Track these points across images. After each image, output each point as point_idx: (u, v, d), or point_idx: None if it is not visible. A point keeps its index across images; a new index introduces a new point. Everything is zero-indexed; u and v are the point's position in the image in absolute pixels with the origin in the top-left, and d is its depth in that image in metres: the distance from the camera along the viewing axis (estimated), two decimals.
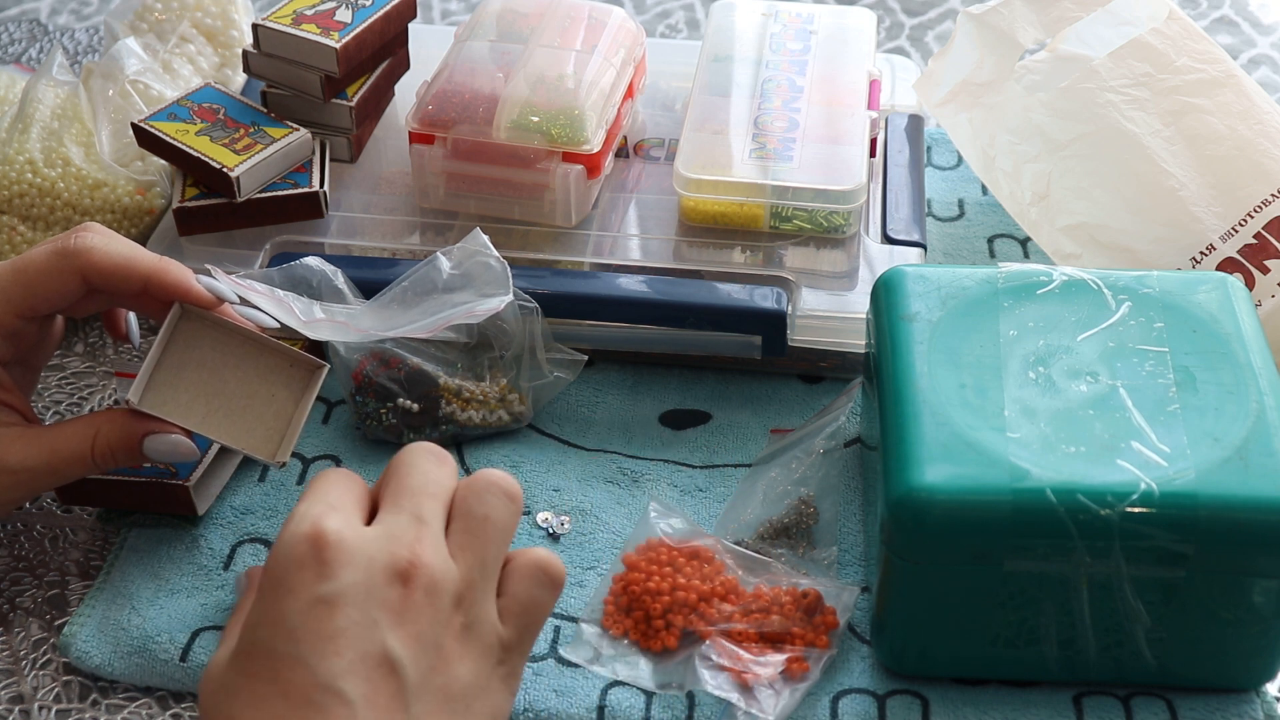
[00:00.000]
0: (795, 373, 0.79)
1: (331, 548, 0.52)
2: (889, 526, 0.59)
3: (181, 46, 0.93)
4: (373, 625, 0.51)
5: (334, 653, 0.50)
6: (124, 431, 0.64)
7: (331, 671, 0.50)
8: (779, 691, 0.62)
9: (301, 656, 0.50)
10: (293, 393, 0.68)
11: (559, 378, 0.75)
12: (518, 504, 0.57)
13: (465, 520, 0.55)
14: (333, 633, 0.50)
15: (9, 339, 0.65)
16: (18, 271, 0.64)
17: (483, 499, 0.56)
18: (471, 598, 0.54)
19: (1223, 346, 0.63)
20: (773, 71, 0.85)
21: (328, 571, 0.51)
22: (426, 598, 0.52)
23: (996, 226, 0.89)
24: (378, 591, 0.52)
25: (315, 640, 0.50)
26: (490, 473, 0.57)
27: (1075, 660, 0.62)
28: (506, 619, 0.55)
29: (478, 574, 0.54)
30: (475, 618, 0.54)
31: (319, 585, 0.51)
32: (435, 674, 0.52)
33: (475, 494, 0.56)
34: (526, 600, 0.55)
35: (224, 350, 0.67)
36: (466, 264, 0.72)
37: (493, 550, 0.55)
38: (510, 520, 0.56)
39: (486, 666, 0.54)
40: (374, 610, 0.51)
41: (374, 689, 0.50)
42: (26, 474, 0.64)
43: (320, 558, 0.51)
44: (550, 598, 0.56)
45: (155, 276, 0.65)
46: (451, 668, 0.53)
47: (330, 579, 0.51)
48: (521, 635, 0.55)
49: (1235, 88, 0.78)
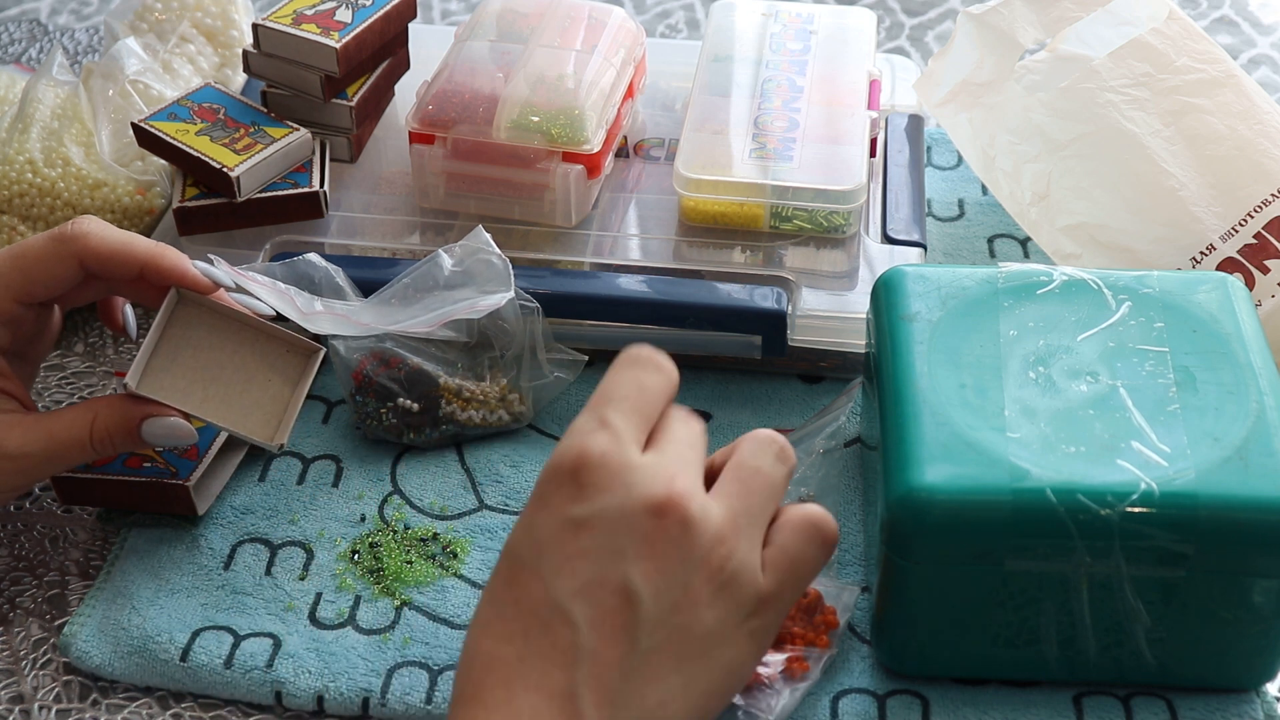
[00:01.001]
0: (795, 373, 0.79)
1: (591, 470, 0.52)
2: (889, 526, 0.59)
3: (181, 46, 0.93)
4: (617, 553, 0.51)
5: (570, 573, 0.51)
6: (122, 416, 0.64)
7: (563, 590, 0.51)
8: (779, 691, 0.62)
9: (540, 570, 0.51)
10: (290, 377, 0.68)
11: (559, 378, 0.75)
12: (789, 464, 0.57)
13: (735, 470, 0.56)
14: (574, 553, 0.51)
15: (8, 325, 0.66)
16: (16, 257, 0.65)
17: (755, 452, 0.56)
18: (734, 543, 0.53)
19: (1223, 346, 0.63)
20: (773, 71, 0.85)
21: (583, 494, 0.52)
22: (681, 532, 0.52)
23: (996, 226, 0.89)
24: (630, 520, 0.52)
25: (556, 558, 0.51)
26: (765, 432, 0.57)
27: (1075, 660, 0.62)
28: (770, 570, 0.54)
29: (742, 519, 0.54)
30: (737, 564, 0.53)
31: (573, 506, 0.52)
32: (676, 612, 0.52)
33: (750, 449, 0.57)
34: (795, 554, 0.55)
35: (221, 335, 0.67)
36: (468, 261, 0.73)
37: (758, 500, 0.55)
38: (780, 477, 0.56)
39: (736, 616, 0.53)
40: (621, 538, 0.51)
41: (602, 615, 0.50)
42: (26, 460, 0.64)
43: (578, 479, 0.52)
44: (820, 556, 0.56)
45: (152, 261, 0.65)
46: (697, 610, 0.52)
47: (585, 501, 0.52)
48: (781, 589, 0.55)
49: (1235, 88, 0.78)
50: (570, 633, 0.50)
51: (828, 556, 0.56)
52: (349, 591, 0.68)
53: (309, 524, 0.71)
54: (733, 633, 0.53)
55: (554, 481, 0.52)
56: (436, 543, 0.70)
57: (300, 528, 0.71)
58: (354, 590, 0.68)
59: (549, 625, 0.50)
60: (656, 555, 0.51)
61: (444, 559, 0.69)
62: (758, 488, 0.55)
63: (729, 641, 0.53)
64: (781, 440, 0.57)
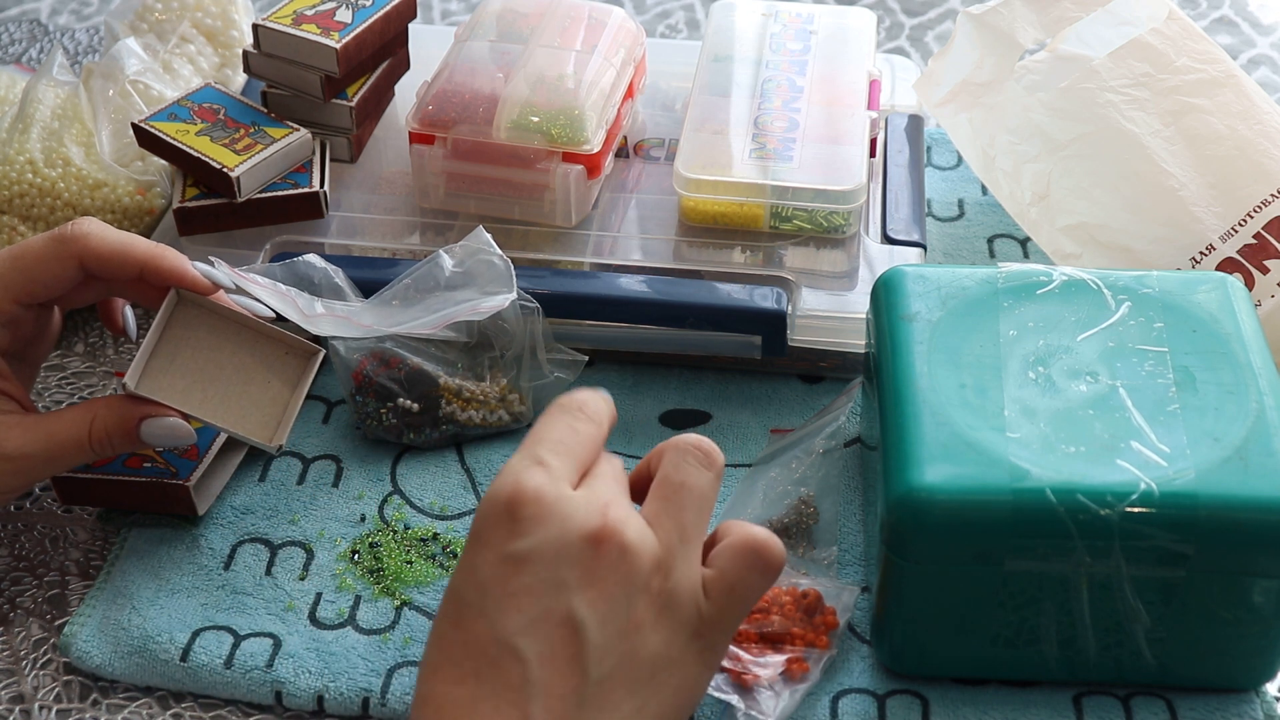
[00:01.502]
0: (795, 373, 0.79)
1: (526, 505, 0.52)
2: (889, 526, 0.59)
3: (181, 46, 0.93)
4: (559, 585, 0.51)
5: (515, 609, 0.51)
6: (121, 416, 0.65)
7: (510, 627, 0.50)
8: (779, 692, 0.62)
9: (485, 610, 0.51)
10: (289, 379, 0.68)
11: (559, 378, 0.75)
12: (717, 468, 0.56)
13: (662, 487, 0.55)
14: (517, 589, 0.51)
15: (7, 326, 0.66)
16: (15, 258, 0.65)
17: (679, 465, 0.55)
18: (670, 564, 0.53)
19: (1222, 346, 0.63)
20: (773, 71, 0.85)
21: (520, 529, 0.52)
22: (620, 560, 0.52)
23: (996, 226, 0.89)
24: (568, 552, 0.51)
25: (499, 596, 0.51)
26: (684, 438, 0.56)
27: (1075, 660, 0.62)
28: (711, 593, 0.54)
29: (676, 540, 0.54)
30: (674, 585, 0.53)
31: (511, 543, 0.51)
32: (622, 639, 0.52)
33: (673, 460, 0.56)
34: (735, 580, 0.55)
35: (220, 336, 0.67)
36: (469, 262, 0.73)
37: (690, 516, 0.54)
38: (710, 487, 0.56)
39: (681, 638, 0.53)
40: (562, 570, 0.51)
41: (551, 649, 0.50)
42: (25, 461, 0.64)
43: (515, 515, 0.52)
44: (762, 582, 0.55)
45: (151, 261, 0.65)
46: (642, 634, 0.52)
47: (522, 536, 0.51)
48: (724, 613, 0.54)
49: (1235, 88, 0.78)
50: (521, 669, 0.50)
51: (770, 581, 0.55)
52: (349, 591, 0.68)
53: (309, 524, 0.71)
54: (680, 654, 0.53)
55: (490, 519, 0.52)
56: (436, 543, 0.70)
57: (300, 528, 0.71)
58: (354, 590, 0.68)
59: (499, 663, 0.50)
60: (598, 584, 0.51)
61: (444, 559, 0.69)
62: (688, 503, 0.55)
63: (677, 664, 0.53)
64: (704, 446, 0.56)
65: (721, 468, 0.56)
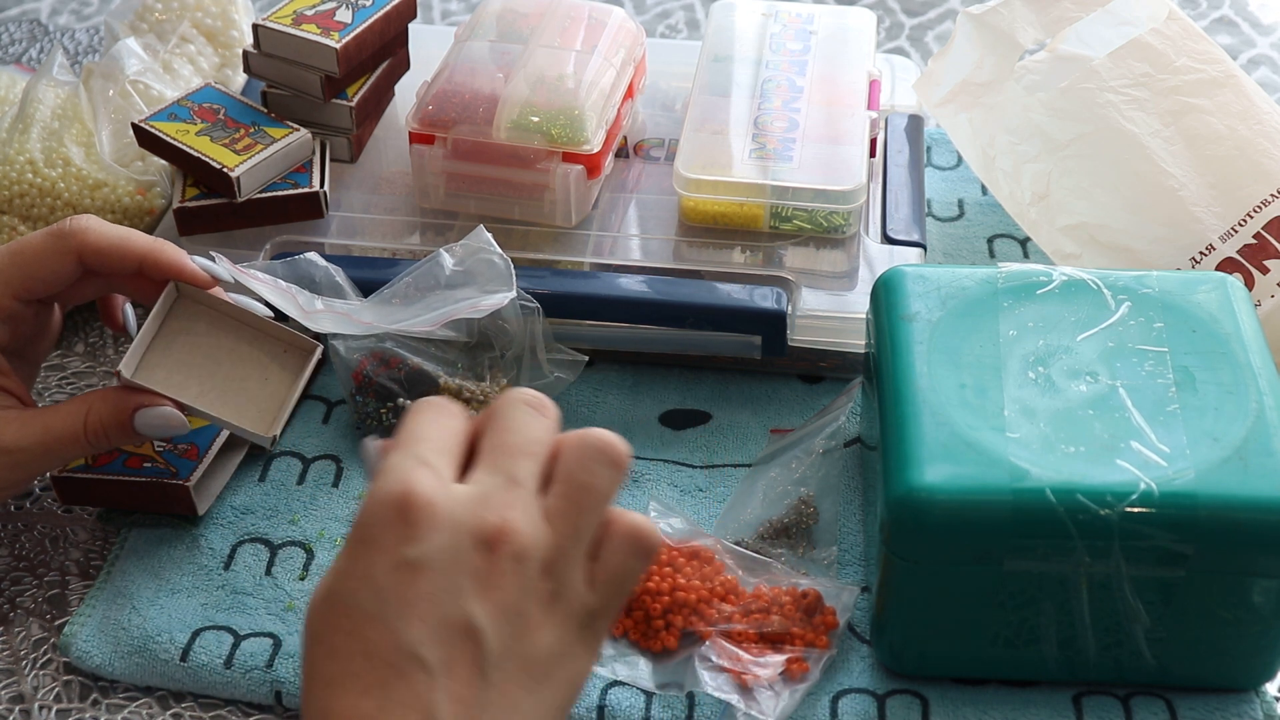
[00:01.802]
0: (795, 373, 0.79)
1: (419, 509, 0.51)
2: (889, 526, 0.59)
3: (182, 46, 0.93)
4: (457, 592, 0.51)
5: (417, 617, 0.50)
6: (115, 407, 0.65)
7: (414, 638, 0.50)
8: (779, 692, 0.62)
9: (386, 618, 0.50)
10: (286, 374, 0.68)
11: (559, 378, 0.75)
12: (621, 471, 0.55)
13: (565, 485, 0.54)
14: (415, 597, 0.50)
15: (7, 322, 0.66)
16: (15, 254, 0.65)
17: (586, 466, 0.54)
18: (562, 565, 0.53)
19: (1222, 346, 0.63)
20: (773, 71, 0.85)
21: (414, 534, 0.51)
22: (514, 565, 0.52)
23: (996, 226, 0.89)
24: (464, 557, 0.51)
25: (399, 602, 0.50)
26: (595, 436, 0.55)
27: (1075, 660, 0.62)
28: (597, 585, 0.54)
29: (570, 542, 0.53)
30: (563, 585, 0.53)
31: (405, 548, 0.51)
32: (517, 642, 0.52)
33: (579, 460, 0.54)
34: (618, 569, 0.54)
35: (219, 331, 0.67)
36: (469, 261, 0.73)
37: (588, 518, 0.54)
38: (612, 488, 0.55)
39: (570, 634, 0.53)
40: (459, 577, 0.51)
41: (453, 656, 0.50)
42: (21, 454, 0.64)
43: (407, 519, 0.51)
44: (642, 567, 0.55)
45: (150, 256, 0.65)
46: (534, 635, 0.52)
47: (417, 542, 0.51)
48: (608, 602, 0.54)
49: (1235, 88, 0.78)
50: (426, 678, 0.50)
51: (649, 564, 0.55)
52: None
53: (309, 524, 0.71)
54: (570, 647, 0.53)
55: (380, 523, 0.51)
56: None
57: (300, 528, 0.71)
58: None
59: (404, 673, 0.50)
60: (493, 590, 0.51)
61: None
62: (589, 506, 0.54)
63: (569, 656, 0.53)
64: (613, 447, 0.55)
65: (626, 467, 0.55)
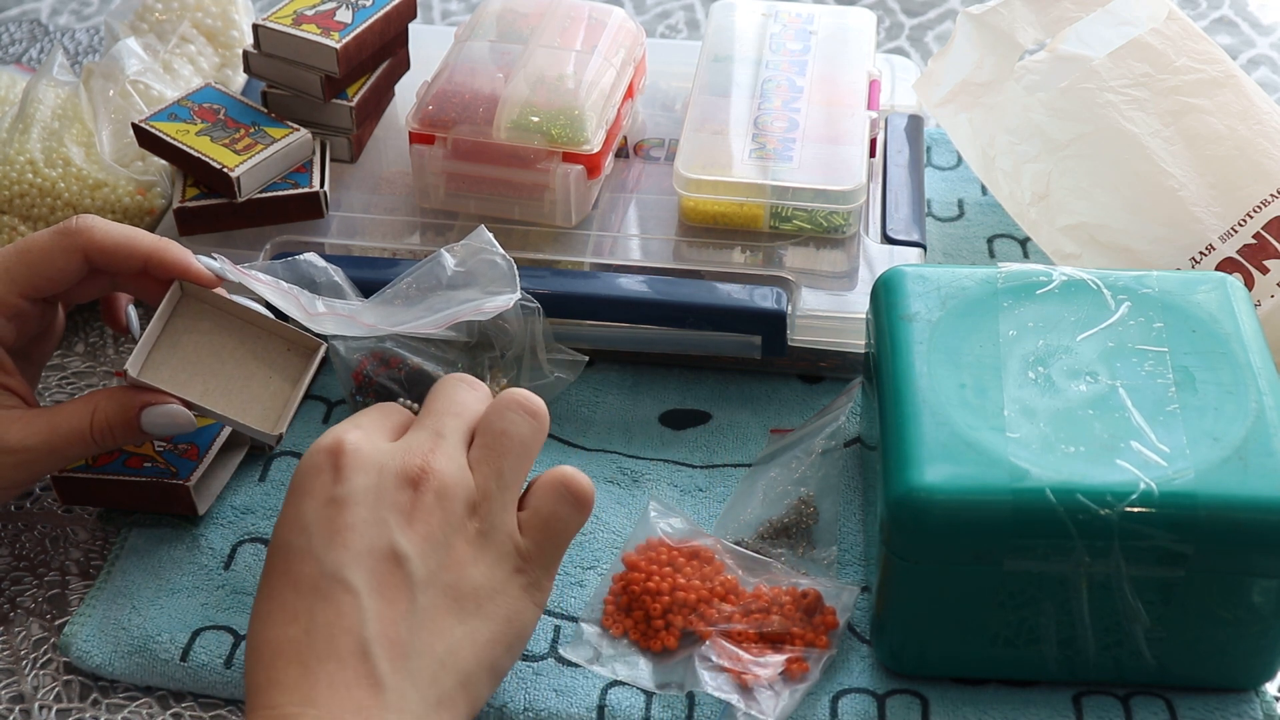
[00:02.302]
0: (795, 373, 0.79)
1: (347, 454, 0.56)
2: (889, 526, 0.59)
3: (182, 47, 0.93)
4: (381, 523, 0.54)
5: (341, 545, 0.54)
6: (122, 406, 0.65)
7: (338, 561, 0.54)
8: (779, 692, 0.62)
9: (312, 549, 0.54)
10: (290, 374, 0.68)
11: (559, 378, 0.75)
12: (539, 420, 0.59)
13: (484, 435, 0.58)
14: (341, 527, 0.54)
15: (13, 320, 0.66)
16: (21, 252, 0.66)
17: (503, 415, 0.59)
18: (488, 507, 0.57)
19: (1222, 346, 0.63)
20: (773, 71, 0.85)
21: (341, 476, 0.55)
22: (437, 501, 0.55)
23: (996, 226, 0.89)
24: (388, 494, 0.55)
25: (325, 534, 0.54)
26: (513, 391, 0.60)
27: (1075, 660, 0.62)
28: (526, 531, 0.58)
29: (494, 484, 0.57)
30: (491, 525, 0.57)
31: (333, 488, 0.55)
32: (444, 571, 0.55)
33: (496, 411, 0.59)
34: (547, 514, 0.58)
35: (223, 330, 0.67)
36: (471, 261, 0.73)
37: (510, 462, 0.58)
38: (530, 435, 0.59)
39: (502, 573, 0.57)
40: (383, 510, 0.55)
41: (379, 579, 0.54)
42: (27, 454, 0.64)
43: (336, 464, 0.56)
44: (573, 514, 0.58)
45: (155, 254, 0.66)
46: (463, 569, 0.56)
47: (343, 482, 0.55)
48: (542, 547, 0.58)
49: (1235, 88, 0.78)
50: (352, 598, 0.53)
51: (582, 514, 0.59)
52: None
53: None
54: (504, 586, 0.56)
55: (311, 471, 0.56)
56: None
57: None
58: None
59: (329, 595, 0.53)
60: (417, 522, 0.55)
61: None
62: (508, 449, 0.58)
63: (502, 594, 0.56)
64: (528, 399, 0.59)
65: (545, 420, 0.60)
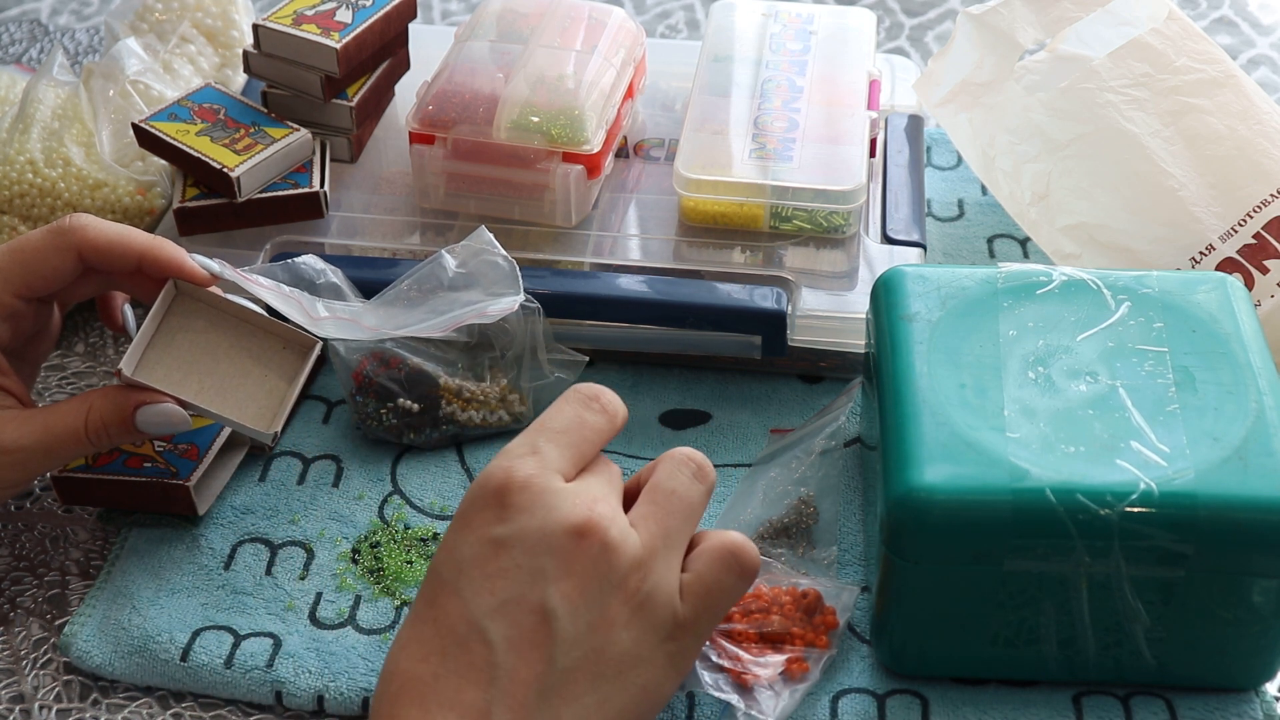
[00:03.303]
0: (795, 373, 0.79)
1: (515, 493, 0.53)
2: (889, 526, 0.59)
3: (182, 47, 0.93)
4: (537, 573, 0.52)
5: (489, 592, 0.51)
6: (117, 405, 0.65)
7: (481, 608, 0.51)
8: (779, 692, 0.62)
9: (460, 589, 0.52)
10: (285, 371, 0.68)
11: (560, 378, 0.76)
12: (708, 482, 0.57)
13: (652, 492, 0.56)
14: (494, 572, 0.51)
15: (8, 320, 0.66)
16: (15, 251, 0.66)
17: (674, 474, 0.57)
18: (650, 566, 0.54)
19: (1222, 346, 0.63)
20: (773, 71, 0.85)
21: (506, 515, 0.52)
22: (601, 555, 0.53)
23: (996, 226, 0.89)
24: (551, 540, 0.52)
25: (476, 577, 0.52)
26: (683, 451, 0.58)
27: (1075, 660, 0.62)
28: (687, 596, 0.55)
29: (660, 543, 0.54)
30: (653, 587, 0.54)
31: (495, 527, 0.52)
32: (593, 633, 0.52)
33: (668, 469, 0.57)
34: (711, 581, 0.55)
35: (217, 328, 0.67)
36: (472, 262, 0.73)
37: (675, 522, 0.55)
38: (697, 497, 0.57)
39: (653, 639, 0.54)
40: (542, 557, 0.52)
41: (520, 634, 0.51)
42: (22, 453, 0.64)
43: (502, 501, 0.53)
44: (737, 584, 0.56)
45: (150, 252, 0.66)
46: (613, 631, 0.53)
47: (507, 522, 0.52)
48: (699, 616, 0.55)
49: (1235, 88, 0.78)
50: (486, 651, 0.50)
51: (746, 585, 0.56)
52: (349, 591, 0.68)
53: (309, 524, 0.71)
54: (650, 654, 0.53)
55: (478, 503, 0.53)
56: (437, 542, 0.70)
57: (301, 528, 0.71)
58: (354, 590, 0.68)
59: (466, 643, 0.51)
60: (575, 575, 0.52)
61: None
62: (675, 509, 0.55)
63: (646, 663, 0.53)
64: (698, 459, 0.57)
65: (713, 483, 0.57)
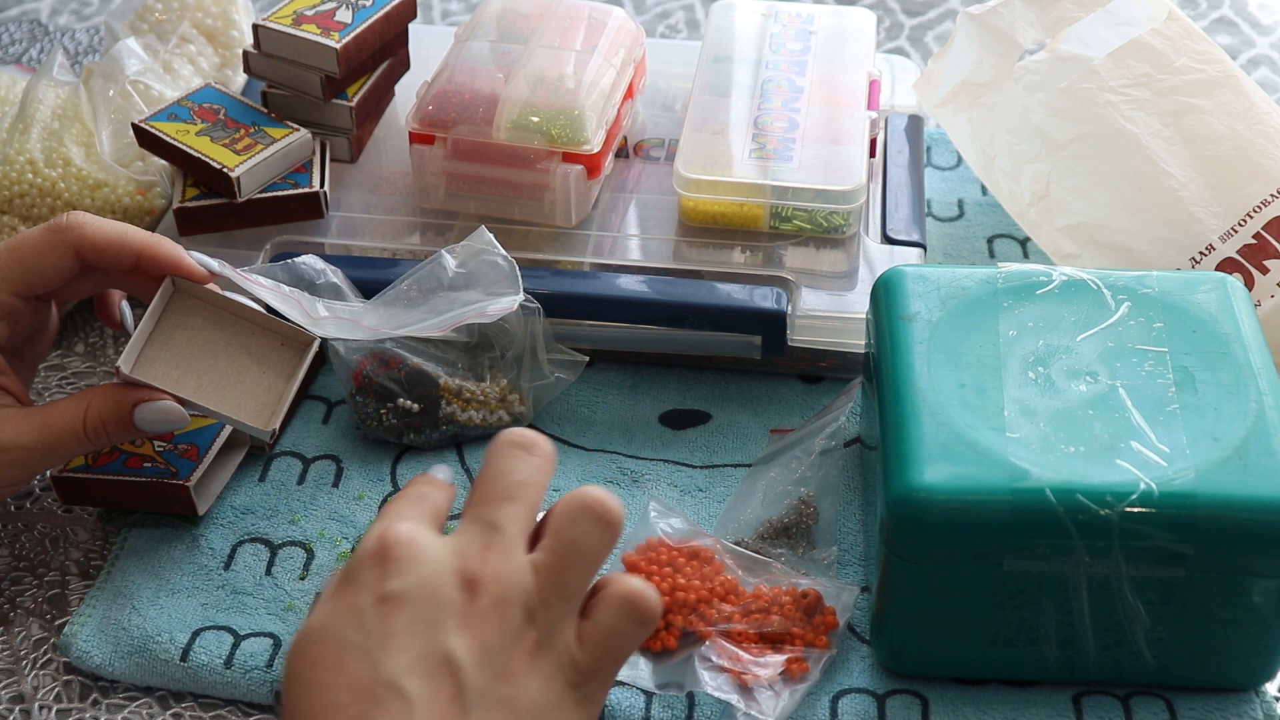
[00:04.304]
0: (795, 373, 0.79)
1: (400, 546, 0.52)
2: (889, 526, 0.59)
3: (182, 47, 0.93)
4: (436, 625, 0.51)
5: (397, 649, 0.50)
6: (115, 403, 0.65)
7: (392, 667, 0.50)
8: (779, 692, 0.62)
9: (368, 649, 0.51)
10: (283, 369, 0.68)
11: (560, 379, 0.75)
12: (612, 529, 0.54)
13: (552, 539, 0.54)
14: (398, 629, 0.51)
15: (6, 319, 0.66)
16: (12, 249, 0.66)
17: (575, 522, 0.54)
18: (547, 616, 0.53)
19: (1222, 346, 0.63)
20: (772, 72, 0.85)
21: (394, 569, 0.52)
22: (494, 608, 0.52)
23: (996, 226, 0.89)
24: (444, 594, 0.52)
25: (380, 635, 0.51)
26: (588, 494, 0.55)
27: (1075, 660, 0.62)
28: (585, 644, 0.54)
29: (554, 595, 0.53)
30: (549, 636, 0.53)
31: (387, 582, 0.51)
32: (500, 683, 0.52)
33: (569, 515, 0.54)
34: (609, 629, 0.54)
35: (215, 326, 0.67)
36: (472, 262, 0.73)
37: (574, 575, 0.54)
38: (600, 546, 0.54)
39: (558, 686, 0.53)
40: (438, 611, 0.51)
41: (434, 688, 0.50)
42: (20, 452, 0.64)
43: (388, 555, 0.52)
44: (635, 632, 0.54)
45: (148, 250, 0.66)
46: (519, 681, 0.52)
47: (397, 576, 0.52)
48: (600, 663, 0.54)
49: (1234, 88, 0.78)
50: (405, 708, 0.50)
51: (647, 632, 0.54)
52: None
53: (309, 524, 0.71)
54: (559, 700, 0.53)
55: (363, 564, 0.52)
56: None
57: (300, 528, 0.71)
58: None
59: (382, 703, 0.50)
60: (473, 627, 0.51)
61: None
62: (573, 562, 0.54)
63: (558, 709, 0.53)
64: (604, 504, 0.54)
65: (619, 528, 0.55)
